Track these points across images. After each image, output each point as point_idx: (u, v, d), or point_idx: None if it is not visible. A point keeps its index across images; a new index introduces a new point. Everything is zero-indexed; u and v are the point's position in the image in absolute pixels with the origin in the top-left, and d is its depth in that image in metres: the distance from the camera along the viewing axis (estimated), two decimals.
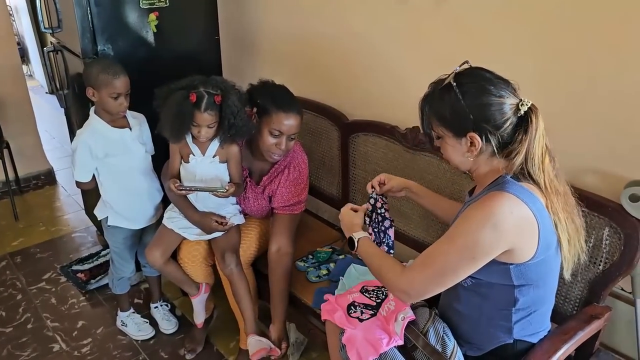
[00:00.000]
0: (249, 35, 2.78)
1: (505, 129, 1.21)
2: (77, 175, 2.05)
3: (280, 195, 2.01)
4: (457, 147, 1.27)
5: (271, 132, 1.86)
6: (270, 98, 1.88)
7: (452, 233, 1.23)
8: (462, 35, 1.81)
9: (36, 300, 2.59)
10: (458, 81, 1.23)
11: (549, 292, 1.35)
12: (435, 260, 1.23)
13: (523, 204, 1.18)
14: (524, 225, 1.19)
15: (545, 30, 1.60)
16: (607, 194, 1.52)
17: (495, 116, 1.20)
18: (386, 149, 2.10)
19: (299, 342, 2.18)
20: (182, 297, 2.54)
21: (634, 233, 1.45)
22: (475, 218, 1.19)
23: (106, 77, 1.92)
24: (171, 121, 1.80)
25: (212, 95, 1.78)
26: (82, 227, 3.21)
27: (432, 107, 1.28)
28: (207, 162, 1.91)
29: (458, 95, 1.21)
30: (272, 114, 1.85)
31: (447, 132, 1.27)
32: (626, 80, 1.46)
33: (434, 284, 1.24)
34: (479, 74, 1.24)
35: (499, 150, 1.23)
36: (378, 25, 2.08)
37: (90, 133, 2.01)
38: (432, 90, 1.30)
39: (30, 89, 3.71)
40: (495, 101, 1.20)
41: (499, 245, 1.18)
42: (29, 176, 3.69)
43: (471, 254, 1.19)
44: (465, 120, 1.21)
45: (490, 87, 1.21)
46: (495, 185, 1.24)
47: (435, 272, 1.23)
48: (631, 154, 1.51)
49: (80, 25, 2.20)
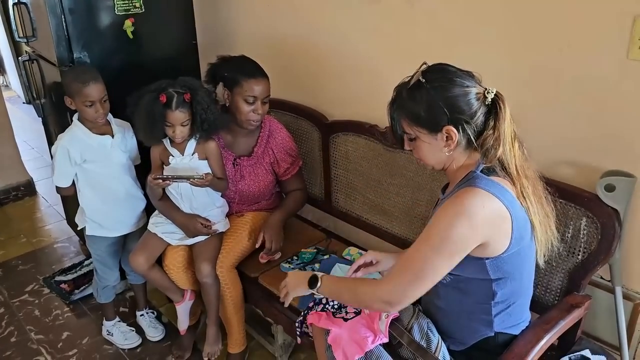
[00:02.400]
0: (227, 39, 2.77)
1: (477, 118, 1.23)
2: (57, 180, 2.05)
3: (280, 160, 2.12)
4: (434, 143, 1.28)
5: (246, 99, 1.94)
6: (236, 68, 1.97)
7: (426, 233, 1.24)
8: (435, 32, 1.83)
9: (19, 313, 2.55)
10: (426, 78, 1.24)
11: (526, 283, 1.37)
12: (413, 263, 1.23)
13: (494, 197, 1.20)
14: (496, 218, 1.21)
15: (514, 25, 1.62)
16: (583, 185, 1.55)
17: (467, 106, 1.22)
18: (366, 147, 2.11)
19: (286, 344, 2.18)
20: (168, 304, 2.53)
21: (610, 222, 1.47)
22: (447, 216, 1.20)
23: (77, 86, 1.91)
24: (145, 124, 1.86)
25: (181, 94, 1.83)
26: (64, 237, 3.17)
27: (402, 108, 1.29)
28: (187, 160, 1.94)
29: (430, 91, 1.22)
30: (242, 83, 1.93)
31: (422, 130, 1.27)
32: (593, 71, 1.49)
33: (414, 287, 1.23)
34: (444, 69, 1.26)
35: (475, 139, 1.24)
36: (353, 25, 2.10)
37: (70, 138, 2.00)
38: (399, 92, 1.30)
39: (7, 100, 3.67)
40: (464, 92, 1.22)
41: (474, 240, 1.20)
42: (8, 188, 3.63)
43: (448, 251, 1.20)
44: (440, 114, 1.22)
45: (457, 79, 1.23)
46: (465, 182, 1.25)
47: (414, 275, 1.22)
48: (604, 144, 1.54)
49: (55, 34, 2.17)
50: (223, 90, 1.99)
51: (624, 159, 1.51)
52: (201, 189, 1.94)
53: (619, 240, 1.49)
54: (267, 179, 2.11)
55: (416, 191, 1.96)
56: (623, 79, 1.45)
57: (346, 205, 2.26)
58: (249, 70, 1.95)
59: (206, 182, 1.86)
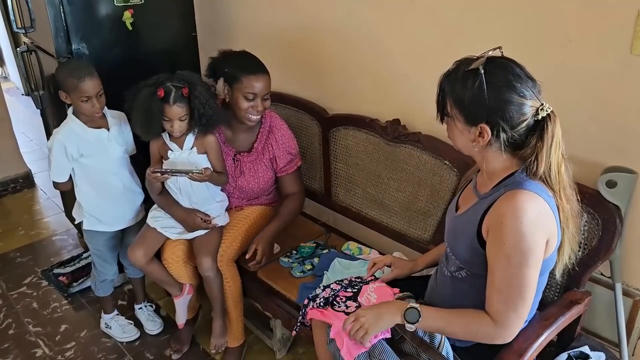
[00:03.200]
0: (226, 31, 2.76)
1: (518, 130, 1.18)
2: (53, 176, 2.03)
3: (280, 156, 2.08)
4: (465, 133, 1.24)
5: (245, 96, 1.92)
6: (236, 64, 1.94)
7: (500, 255, 1.19)
8: (437, 27, 1.82)
9: (17, 305, 2.55)
10: (486, 69, 1.16)
11: (540, 287, 1.35)
12: (508, 289, 1.20)
13: (543, 200, 1.18)
14: (549, 219, 1.20)
15: (516, 19, 1.61)
16: (584, 181, 1.54)
17: (513, 115, 1.16)
18: (367, 142, 2.10)
19: (285, 338, 2.18)
20: (166, 298, 2.52)
21: (611, 218, 1.47)
22: (512, 231, 1.16)
23: (72, 82, 1.88)
24: (142, 118, 1.84)
25: (179, 88, 1.81)
26: (62, 230, 3.16)
27: (451, 87, 1.22)
28: (186, 154, 1.93)
29: (482, 84, 1.15)
30: (242, 79, 1.90)
31: (459, 116, 1.22)
32: (596, 66, 1.48)
33: (522, 308, 1.21)
34: (509, 67, 1.18)
35: (505, 147, 1.20)
36: (355, 19, 2.08)
37: (66, 133, 1.98)
38: (456, 69, 1.22)
39: (5, 91, 3.64)
40: (517, 100, 1.16)
41: (543, 239, 1.19)
42: (6, 180, 3.62)
43: (531, 261, 1.17)
44: (482, 110, 1.17)
45: (516, 84, 1.16)
46: (510, 183, 1.22)
47: (516, 299, 1.20)
48: (605, 141, 1.53)
49: (54, 25, 2.15)
50: (223, 85, 1.97)
51: (626, 155, 1.50)
52: (200, 183, 1.93)
53: (620, 237, 1.49)
54: (266, 175, 2.10)
55: (416, 186, 1.95)
56: (626, 74, 1.43)
57: (346, 199, 2.26)
58: (250, 67, 1.93)
59: (205, 176, 1.85)
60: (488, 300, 1.24)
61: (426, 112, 1.86)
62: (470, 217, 1.29)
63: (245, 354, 2.19)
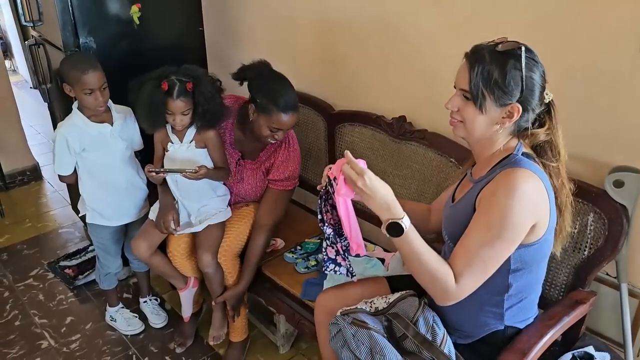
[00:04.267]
0: (233, 26, 2.75)
1: (539, 111, 1.24)
2: (57, 168, 2.05)
3: (276, 169, 2.02)
4: (491, 114, 1.22)
5: (270, 128, 1.86)
6: (271, 97, 1.82)
7: (483, 223, 1.21)
8: (446, 24, 1.80)
9: (23, 297, 2.57)
10: (527, 52, 1.19)
11: (540, 278, 1.36)
12: (476, 252, 1.21)
13: (539, 179, 1.20)
14: (543, 199, 1.21)
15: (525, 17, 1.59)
16: (591, 180, 1.53)
17: (538, 95, 1.21)
18: (372, 138, 2.09)
19: (288, 334, 2.18)
20: (171, 291, 2.53)
21: (617, 218, 1.46)
22: (502, 200, 1.18)
23: (76, 74, 1.88)
24: (146, 111, 1.84)
25: (184, 83, 1.80)
26: (69, 223, 3.18)
27: (488, 67, 1.19)
28: (185, 148, 1.92)
29: (522, 64, 1.17)
30: (272, 114, 1.82)
31: (490, 96, 1.20)
32: (604, 65, 1.47)
33: (480, 277, 1.22)
34: (534, 51, 1.22)
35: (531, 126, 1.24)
36: (363, 16, 2.07)
37: (69, 127, 1.98)
38: (489, 51, 1.20)
39: (14, 84, 3.66)
40: (541, 81, 1.21)
41: (530, 220, 1.20)
42: (14, 172, 3.64)
43: (508, 236, 1.19)
44: (517, 90, 1.19)
45: (540, 67, 1.21)
46: (507, 163, 1.23)
47: (480, 267, 1.21)
48: (613, 140, 1.52)
49: (61, 18, 2.16)
50: (251, 108, 1.88)
51: (634, 154, 1.48)
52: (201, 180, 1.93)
53: (626, 237, 1.47)
54: (264, 184, 2.08)
55: (422, 183, 1.95)
56: (635, 73, 1.42)
57: None
58: (283, 104, 1.82)
59: (199, 175, 1.83)
60: (452, 258, 1.24)
61: (432, 110, 1.86)
62: (466, 202, 1.30)
63: (249, 349, 2.20)
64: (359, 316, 1.41)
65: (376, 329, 1.37)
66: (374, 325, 1.38)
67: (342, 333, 1.41)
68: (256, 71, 1.90)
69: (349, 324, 1.39)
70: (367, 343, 1.35)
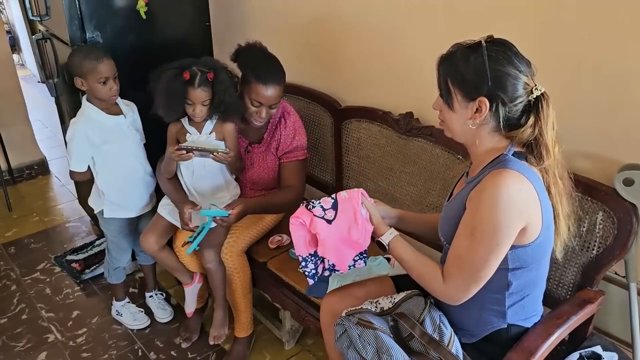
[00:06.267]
0: (240, 21, 2.74)
1: (515, 104, 1.20)
2: (74, 165, 2.04)
3: (283, 142, 2.03)
4: (462, 111, 1.24)
5: (251, 101, 1.87)
6: (251, 67, 1.87)
7: (468, 226, 1.22)
8: (453, 19, 1.79)
9: (30, 290, 2.58)
10: (488, 44, 1.20)
11: (541, 275, 1.35)
12: (466, 259, 1.22)
13: (527, 180, 1.18)
14: (533, 201, 1.19)
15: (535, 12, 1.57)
16: (600, 178, 1.51)
17: (512, 88, 1.18)
18: (379, 135, 2.08)
19: (294, 330, 2.18)
20: (177, 286, 2.54)
21: (627, 217, 1.44)
22: (486, 203, 1.17)
23: (90, 63, 1.89)
24: (165, 99, 1.82)
25: (205, 73, 1.80)
26: (75, 217, 3.20)
27: (452, 65, 1.24)
28: (204, 139, 1.92)
29: (484, 56, 1.18)
30: (251, 84, 1.85)
31: (458, 93, 1.23)
32: (615, 61, 1.45)
33: (474, 283, 1.23)
34: (506, 45, 1.22)
35: (504, 124, 1.21)
36: (370, 10, 2.05)
37: (86, 121, 1.98)
38: (456, 49, 1.25)
39: (21, 78, 3.67)
40: (514, 73, 1.18)
41: (518, 223, 1.18)
42: (21, 166, 3.67)
43: (495, 241, 1.18)
44: (483, 82, 1.19)
45: (514, 59, 1.19)
46: (496, 164, 1.23)
47: (471, 272, 1.22)
48: (623, 137, 1.49)
49: (68, 13, 2.16)
50: (237, 79, 1.93)
51: None
52: (216, 171, 1.94)
53: (636, 236, 1.45)
54: (275, 165, 2.09)
55: (429, 180, 1.93)
56: None
57: None
58: (261, 74, 1.85)
59: (229, 157, 1.84)
60: (447, 260, 1.28)
61: None
62: (458, 201, 1.30)
63: (254, 345, 2.20)
64: (365, 316, 1.40)
65: (382, 329, 1.36)
66: (380, 326, 1.37)
67: (347, 334, 1.40)
68: (248, 49, 1.95)
69: (355, 325, 1.39)
70: (373, 343, 1.34)
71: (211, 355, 2.19)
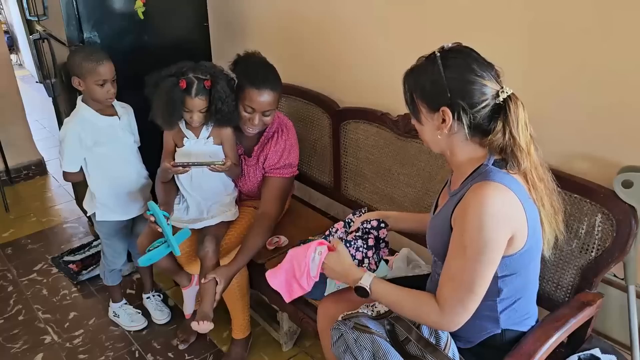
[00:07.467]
0: (239, 22, 2.74)
1: (479, 110, 1.18)
2: (65, 166, 2.03)
3: (270, 158, 1.99)
4: (429, 123, 1.25)
5: (244, 107, 1.85)
6: (245, 72, 1.85)
7: (459, 247, 1.20)
8: (449, 19, 1.79)
9: (27, 291, 2.57)
10: (443, 54, 1.21)
11: (532, 278, 1.34)
12: (460, 279, 1.20)
13: (510, 190, 1.17)
14: (517, 211, 1.18)
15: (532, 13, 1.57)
16: (599, 180, 1.50)
17: (473, 95, 1.18)
18: (377, 136, 2.08)
19: (291, 331, 2.17)
20: (174, 287, 2.53)
21: (626, 219, 1.43)
22: (473, 222, 1.16)
23: (90, 65, 1.89)
24: (163, 109, 1.81)
25: (202, 81, 1.78)
26: (73, 218, 3.19)
27: (414, 78, 1.26)
28: (202, 143, 1.91)
29: (440, 67, 1.19)
30: (244, 90, 1.83)
31: (423, 105, 1.25)
32: (614, 62, 1.44)
33: (470, 302, 1.21)
34: (466, 52, 1.22)
35: (470, 133, 1.21)
36: (368, 12, 2.05)
37: (79, 121, 1.98)
38: (418, 62, 1.28)
39: (20, 78, 3.67)
40: (475, 79, 1.18)
41: (505, 235, 1.17)
42: (19, 166, 3.66)
43: (487, 257, 1.17)
44: (442, 93, 1.19)
45: (474, 66, 1.19)
46: (477, 175, 1.22)
47: (465, 291, 1.20)
48: (622, 139, 1.49)
49: (66, 13, 2.15)
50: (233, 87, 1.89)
51: None
52: (215, 176, 1.93)
53: (635, 238, 1.45)
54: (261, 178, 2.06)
55: (427, 181, 1.93)
56: None
57: (355, 193, 2.23)
58: (255, 79, 1.81)
59: (226, 167, 1.83)
60: (439, 286, 1.25)
61: None
62: (442, 215, 1.29)
63: (251, 346, 2.19)
64: (361, 320, 1.39)
65: (379, 333, 1.35)
66: (376, 330, 1.36)
67: (344, 338, 1.39)
68: (246, 58, 1.92)
69: (351, 329, 1.38)
70: (369, 348, 1.33)
71: (208, 357, 2.19)
